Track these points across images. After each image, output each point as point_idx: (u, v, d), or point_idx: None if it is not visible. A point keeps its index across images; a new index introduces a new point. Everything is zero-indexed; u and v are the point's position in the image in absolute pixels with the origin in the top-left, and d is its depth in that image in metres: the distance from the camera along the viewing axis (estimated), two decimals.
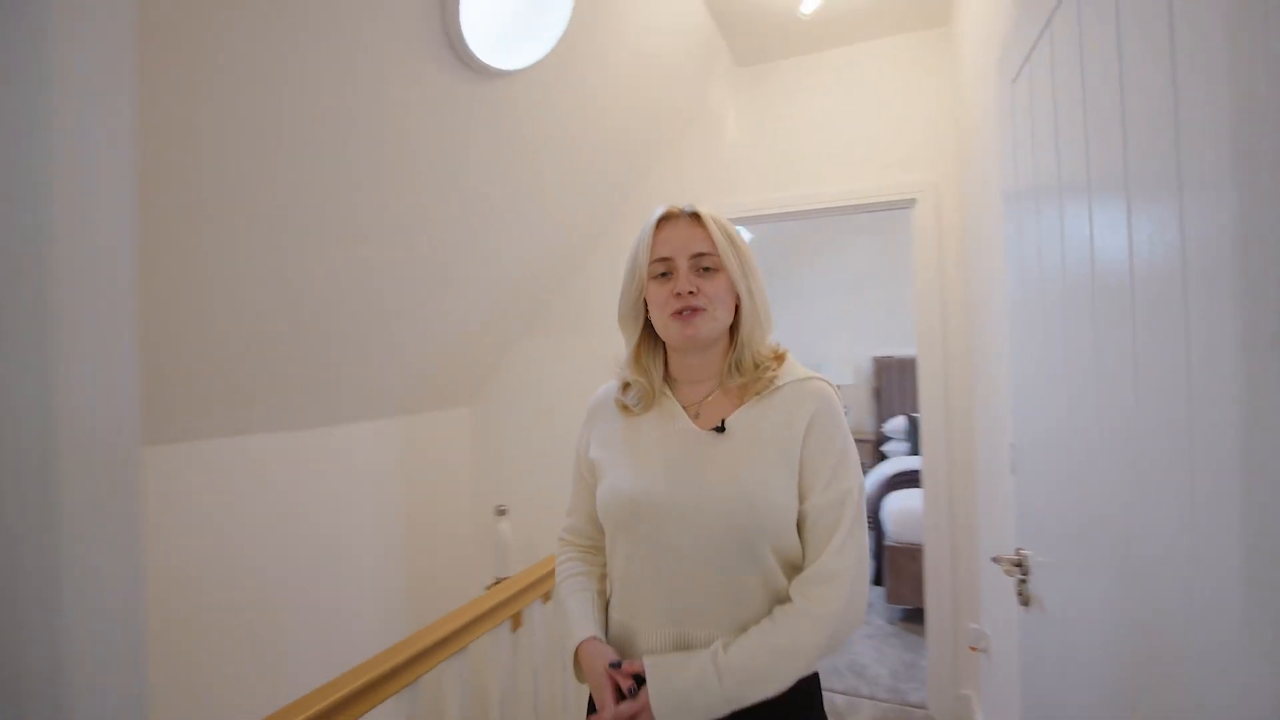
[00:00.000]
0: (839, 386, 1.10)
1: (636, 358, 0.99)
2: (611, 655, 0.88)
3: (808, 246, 5.37)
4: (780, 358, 0.95)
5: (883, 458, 4.81)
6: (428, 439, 2.55)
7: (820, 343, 5.33)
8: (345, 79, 1.37)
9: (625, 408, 0.99)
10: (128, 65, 0.64)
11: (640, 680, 0.83)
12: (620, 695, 0.83)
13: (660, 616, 0.88)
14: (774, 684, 0.81)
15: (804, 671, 0.83)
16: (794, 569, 0.88)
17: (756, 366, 0.93)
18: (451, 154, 1.72)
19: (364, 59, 1.37)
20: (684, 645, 0.87)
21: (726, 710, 0.80)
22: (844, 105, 2.37)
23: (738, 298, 0.93)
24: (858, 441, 3.50)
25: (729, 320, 0.93)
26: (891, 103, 2.31)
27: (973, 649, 1.98)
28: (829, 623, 0.82)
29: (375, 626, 2.23)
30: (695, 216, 0.93)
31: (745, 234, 4.42)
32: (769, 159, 2.48)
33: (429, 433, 2.57)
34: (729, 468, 0.87)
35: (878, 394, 5.12)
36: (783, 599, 0.86)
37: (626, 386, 1.00)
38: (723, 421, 0.90)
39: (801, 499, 0.87)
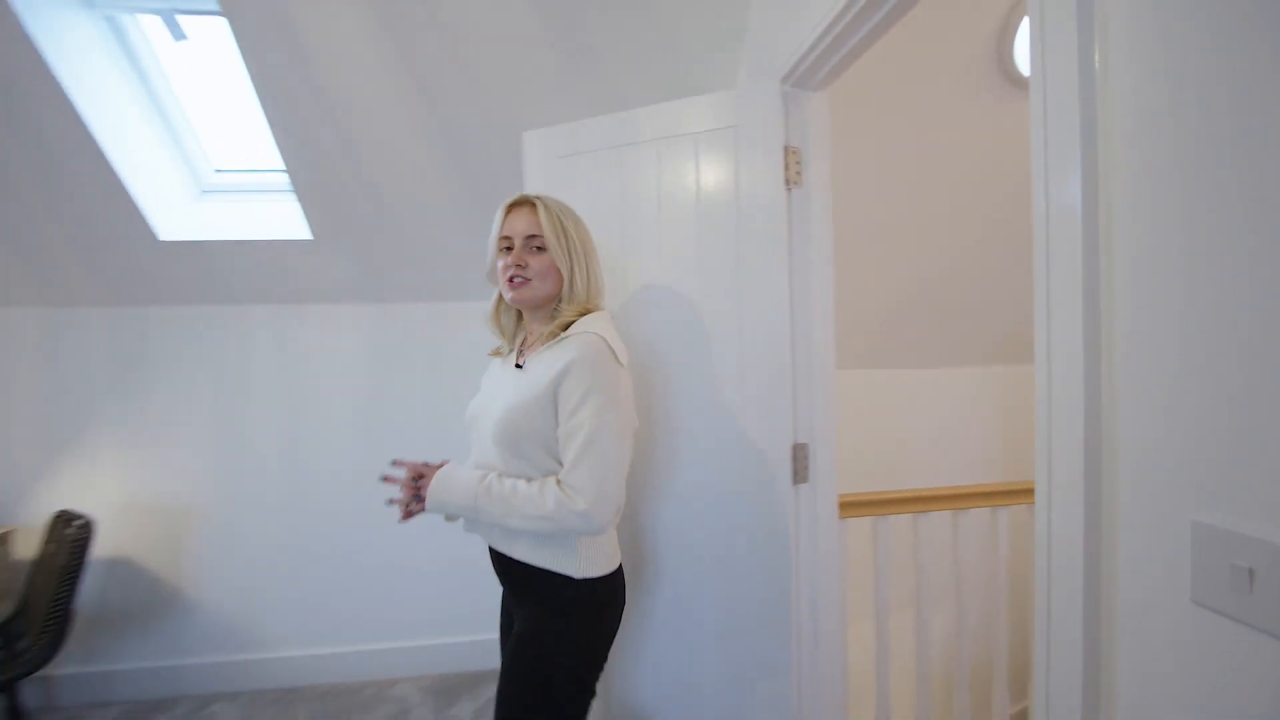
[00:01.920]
0: None
1: (496, 312, 1.30)
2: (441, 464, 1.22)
3: None
4: (584, 314, 1.20)
5: None
6: (1010, 387, 2.88)
7: None
8: (932, 116, 1.98)
9: (496, 353, 1.33)
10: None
11: None
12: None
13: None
14: (511, 510, 1.10)
15: (528, 524, 1.09)
16: (554, 470, 1.15)
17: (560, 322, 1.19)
18: (1003, 154, 2.15)
19: (938, 98, 1.95)
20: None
21: (472, 513, 1.13)
22: None
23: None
24: None
25: (552, 290, 1.21)
26: None
27: None
28: (563, 510, 1.07)
29: None
30: (533, 206, 1.20)
31: None
32: None
33: (1009, 383, 2.88)
34: (508, 395, 1.18)
35: None
36: None
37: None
38: (524, 361, 1.22)
39: (559, 425, 1.13)
